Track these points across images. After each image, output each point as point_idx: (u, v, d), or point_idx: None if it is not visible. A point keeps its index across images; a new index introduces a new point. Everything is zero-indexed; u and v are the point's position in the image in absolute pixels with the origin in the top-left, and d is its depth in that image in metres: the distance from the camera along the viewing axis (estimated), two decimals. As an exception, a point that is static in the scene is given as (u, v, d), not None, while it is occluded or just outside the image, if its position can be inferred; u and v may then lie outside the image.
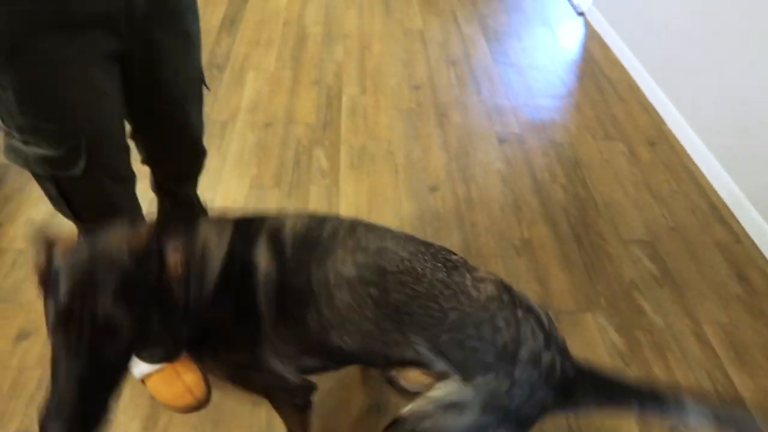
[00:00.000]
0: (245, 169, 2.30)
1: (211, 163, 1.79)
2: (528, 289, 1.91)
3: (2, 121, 1.09)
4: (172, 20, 1.18)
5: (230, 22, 3.23)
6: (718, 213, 2.26)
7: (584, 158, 2.48)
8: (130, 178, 1.29)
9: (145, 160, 1.48)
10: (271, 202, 2.17)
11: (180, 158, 1.49)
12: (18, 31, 0.96)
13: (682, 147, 2.57)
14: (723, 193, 2.32)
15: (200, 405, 1.53)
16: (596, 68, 3.08)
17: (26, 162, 1.12)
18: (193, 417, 1.52)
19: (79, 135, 1.09)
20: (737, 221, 2.22)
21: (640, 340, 1.80)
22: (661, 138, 2.62)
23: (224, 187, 2.21)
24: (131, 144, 1.34)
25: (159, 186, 1.58)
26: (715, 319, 1.88)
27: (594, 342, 1.78)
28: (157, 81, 1.23)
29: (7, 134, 1.10)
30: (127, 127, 1.30)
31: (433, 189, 2.27)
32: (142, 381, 1.56)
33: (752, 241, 2.15)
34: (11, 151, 1.12)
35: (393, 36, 3.25)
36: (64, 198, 1.18)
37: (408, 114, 2.66)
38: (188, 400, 1.52)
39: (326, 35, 3.23)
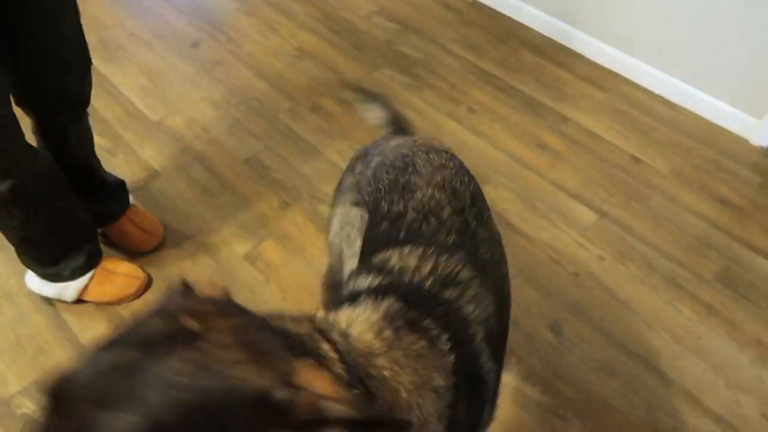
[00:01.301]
0: None
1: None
2: (327, 78, 2.25)
3: None
4: None
5: None
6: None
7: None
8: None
9: (19, 97, 1.29)
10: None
11: (57, 75, 1.31)
12: None
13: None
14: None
15: (148, 283, 1.59)
16: None
17: None
18: (149, 294, 1.58)
19: None
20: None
21: (419, 73, 2.30)
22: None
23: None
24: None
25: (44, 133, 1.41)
26: (451, 37, 2.47)
27: (394, 90, 2.22)
28: None
29: None
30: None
31: (195, 45, 2.36)
32: (80, 300, 1.53)
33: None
34: None
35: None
36: None
37: (119, -4, 2.58)
38: (135, 283, 1.55)
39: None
